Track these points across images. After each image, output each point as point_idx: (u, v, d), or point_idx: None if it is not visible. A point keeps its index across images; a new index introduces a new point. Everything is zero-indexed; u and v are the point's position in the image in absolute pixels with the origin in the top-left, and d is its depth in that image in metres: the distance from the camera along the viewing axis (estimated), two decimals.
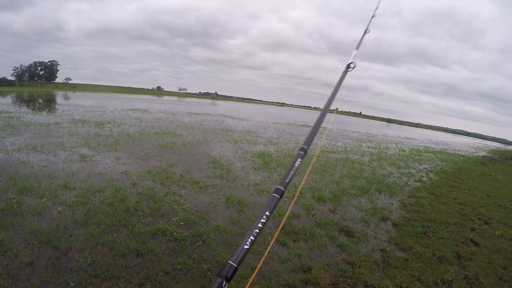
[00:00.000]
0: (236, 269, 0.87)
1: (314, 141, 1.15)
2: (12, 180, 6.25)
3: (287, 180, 1.07)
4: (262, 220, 0.99)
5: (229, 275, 0.86)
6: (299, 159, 1.16)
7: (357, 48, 1.75)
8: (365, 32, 1.95)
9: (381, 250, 5.13)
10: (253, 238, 0.94)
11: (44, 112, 19.83)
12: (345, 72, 1.58)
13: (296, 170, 1.09)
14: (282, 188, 1.05)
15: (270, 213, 1.01)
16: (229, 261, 0.88)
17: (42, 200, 5.44)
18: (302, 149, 1.20)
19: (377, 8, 2.22)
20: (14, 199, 5.32)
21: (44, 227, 4.48)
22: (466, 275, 4.59)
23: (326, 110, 1.40)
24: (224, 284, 0.84)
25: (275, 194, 1.06)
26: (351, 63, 1.61)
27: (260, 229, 0.96)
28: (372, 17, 2.15)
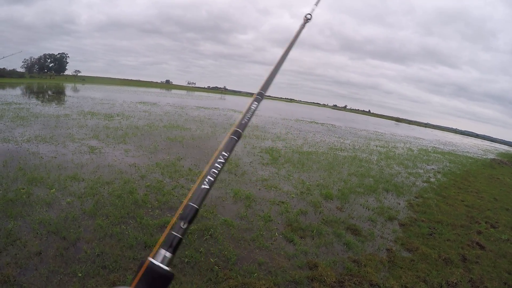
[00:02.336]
0: (197, 210, 0.84)
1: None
2: (22, 170, 6.32)
3: (243, 122, 1.09)
4: (220, 160, 0.98)
5: (189, 217, 0.83)
6: (255, 103, 1.18)
7: (316, 4, 1.81)
8: None
9: (387, 249, 5.11)
10: (211, 178, 0.90)
11: (54, 104, 20.00)
12: (303, 24, 1.64)
13: (252, 113, 1.11)
14: (240, 130, 1.07)
15: (228, 154, 1.00)
16: (190, 203, 0.85)
17: (51, 190, 5.50)
18: (259, 93, 1.23)
19: None
20: (23, 189, 5.39)
21: (53, 218, 4.54)
22: (471, 278, 4.56)
23: (283, 59, 1.42)
24: (183, 224, 0.81)
25: (233, 136, 1.06)
26: (308, 14, 1.67)
27: (218, 169, 0.95)
28: None
